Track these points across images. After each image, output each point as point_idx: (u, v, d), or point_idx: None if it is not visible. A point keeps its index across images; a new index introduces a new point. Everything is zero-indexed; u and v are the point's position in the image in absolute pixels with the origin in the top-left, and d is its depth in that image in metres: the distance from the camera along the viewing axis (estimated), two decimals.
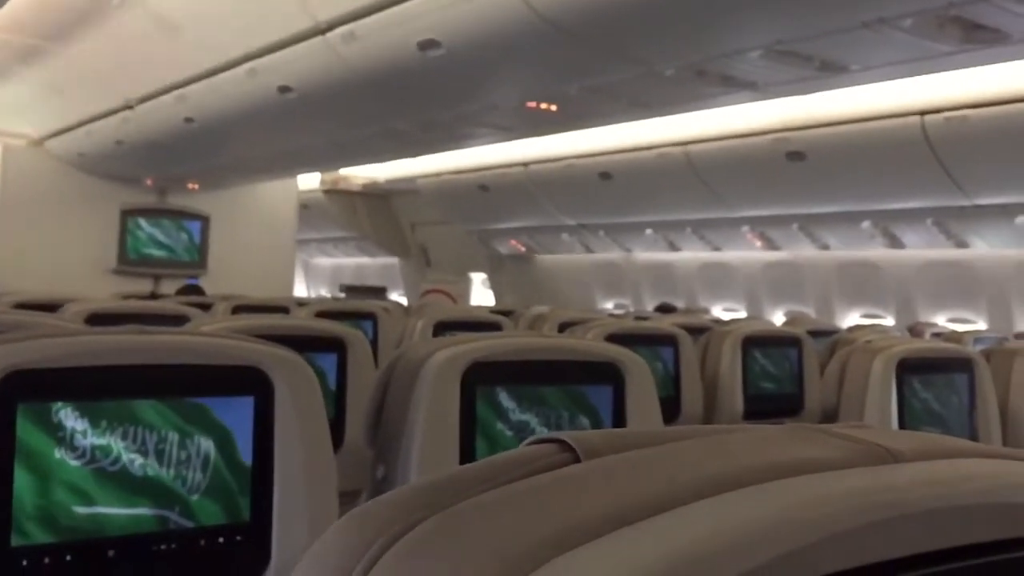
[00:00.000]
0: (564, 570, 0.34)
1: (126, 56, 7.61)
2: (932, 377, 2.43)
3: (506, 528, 0.36)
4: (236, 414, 1.28)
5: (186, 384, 1.25)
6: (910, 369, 2.38)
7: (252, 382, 1.29)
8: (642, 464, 0.42)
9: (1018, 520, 0.47)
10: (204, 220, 11.33)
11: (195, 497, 1.23)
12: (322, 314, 3.84)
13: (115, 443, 1.18)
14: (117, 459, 1.19)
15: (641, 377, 1.70)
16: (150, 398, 1.22)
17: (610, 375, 1.69)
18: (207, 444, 1.24)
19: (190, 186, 11.01)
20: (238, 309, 4.44)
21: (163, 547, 1.21)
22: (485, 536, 0.36)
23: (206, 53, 6.45)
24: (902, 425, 2.30)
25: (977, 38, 3.69)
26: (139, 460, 1.20)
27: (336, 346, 2.33)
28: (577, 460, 0.45)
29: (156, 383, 1.23)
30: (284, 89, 6.04)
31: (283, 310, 4.38)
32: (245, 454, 1.27)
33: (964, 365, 2.48)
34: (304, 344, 2.32)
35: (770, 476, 0.41)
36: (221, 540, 1.25)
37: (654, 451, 0.44)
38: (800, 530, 0.37)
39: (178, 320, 3.28)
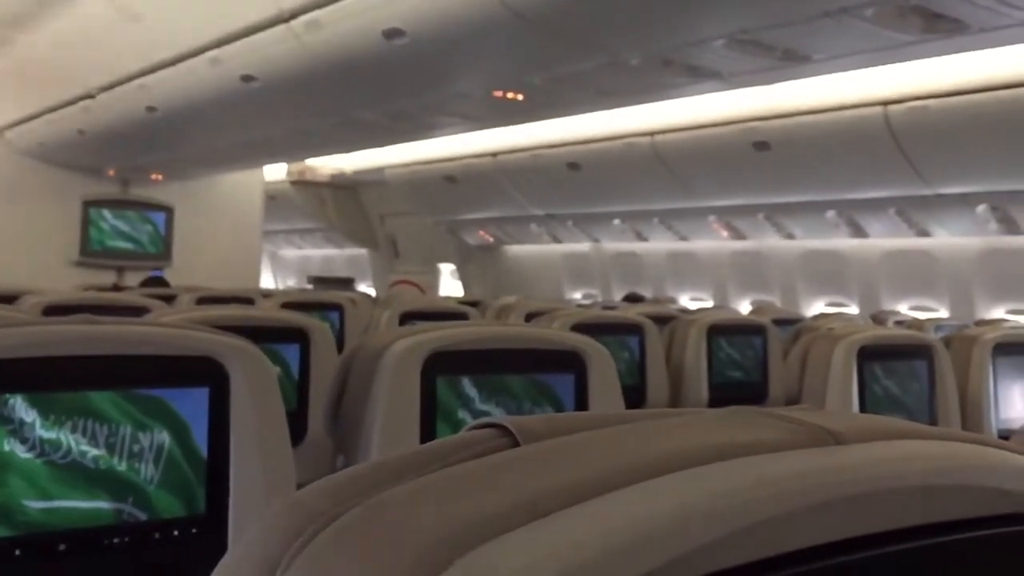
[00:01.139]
0: (488, 558, 0.33)
1: (87, 44, 7.49)
2: (892, 363, 2.45)
3: (432, 515, 0.36)
4: (191, 405, 1.26)
5: (139, 375, 1.23)
6: (871, 356, 2.40)
7: (207, 373, 1.27)
8: (580, 448, 0.41)
9: (958, 502, 0.47)
10: (168, 211, 11.19)
11: (150, 489, 1.21)
12: (288, 305, 3.82)
13: (67, 435, 1.16)
14: (69, 451, 1.16)
15: (603, 365, 1.70)
16: (103, 389, 1.20)
17: (572, 363, 1.68)
18: (161, 436, 1.23)
19: (154, 177, 10.87)
20: (202, 301, 4.40)
21: (116, 540, 1.19)
22: (409, 523, 0.35)
23: (168, 41, 6.36)
24: (863, 410, 2.33)
25: (937, 28, 3.72)
26: (92, 452, 1.18)
27: (298, 337, 2.31)
28: (517, 445, 0.44)
29: (108, 374, 1.21)
30: (247, 78, 5.97)
31: (248, 301, 4.34)
32: (201, 446, 1.26)
33: (924, 351, 2.51)
34: (266, 335, 2.31)
35: (709, 459, 0.40)
36: (176, 533, 1.23)
37: (593, 435, 0.43)
38: (735, 513, 0.36)
39: (139, 312, 3.24)
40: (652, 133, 7.82)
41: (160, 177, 10.88)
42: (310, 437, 2.24)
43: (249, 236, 11.77)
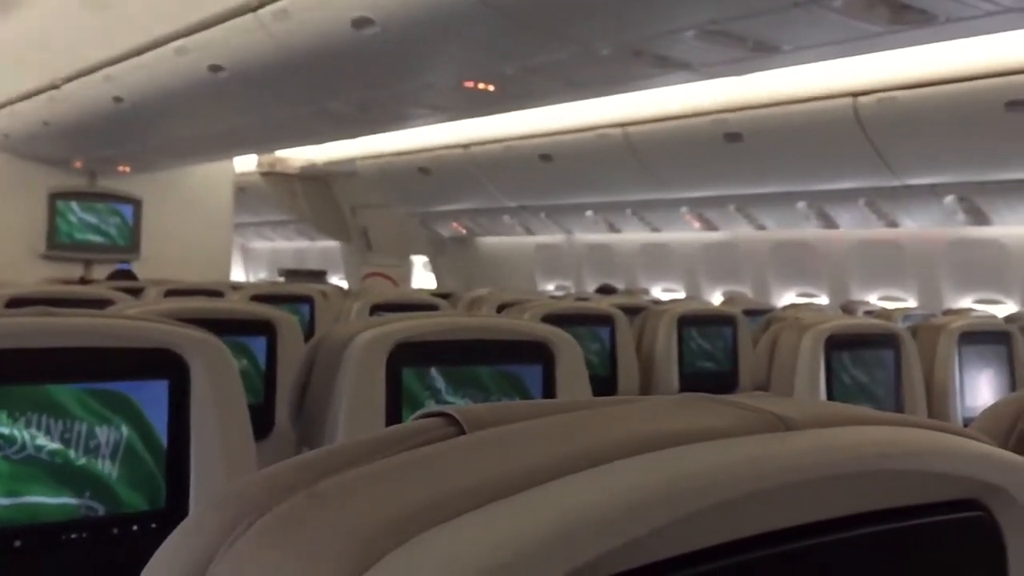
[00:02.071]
0: (426, 546, 0.32)
1: (52, 34, 7.38)
2: (860, 352, 2.47)
3: (366, 506, 0.35)
4: (150, 398, 1.24)
5: (97, 368, 1.20)
6: (838, 345, 2.41)
7: (166, 365, 1.25)
8: (525, 436, 0.40)
9: (910, 488, 0.46)
10: (136, 204, 11.07)
11: (109, 484, 1.19)
12: (257, 298, 3.78)
13: (22, 430, 1.14)
14: (24, 446, 1.14)
15: (571, 355, 1.70)
16: (59, 382, 1.17)
17: (540, 354, 1.68)
18: (120, 429, 1.21)
19: (121, 169, 10.73)
20: (170, 293, 4.35)
21: (75, 536, 1.17)
22: (342, 515, 0.34)
23: (134, 31, 6.28)
24: (831, 398, 2.34)
25: (905, 19, 3.75)
26: (49, 446, 1.16)
27: (265, 329, 2.28)
28: (463, 433, 0.43)
29: (65, 367, 1.18)
30: (215, 68, 5.91)
31: (217, 294, 4.30)
32: (161, 439, 1.24)
33: (890, 341, 2.53)
34: (232, 328, 2.28)
35: (656, 446, 0.39)
36: (136, 528, 1.21)
37: (540, 423, 0.42)
38: (680, 500, 0.36)
39: (103, 305, 3.19)
40: (624, 124, 7.82)
41: (128, 169, 10.75)
42: (277, 430, 2.22)
43: (219, 228, 11.66)
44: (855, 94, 6.12)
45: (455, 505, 0.34)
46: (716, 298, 8.59)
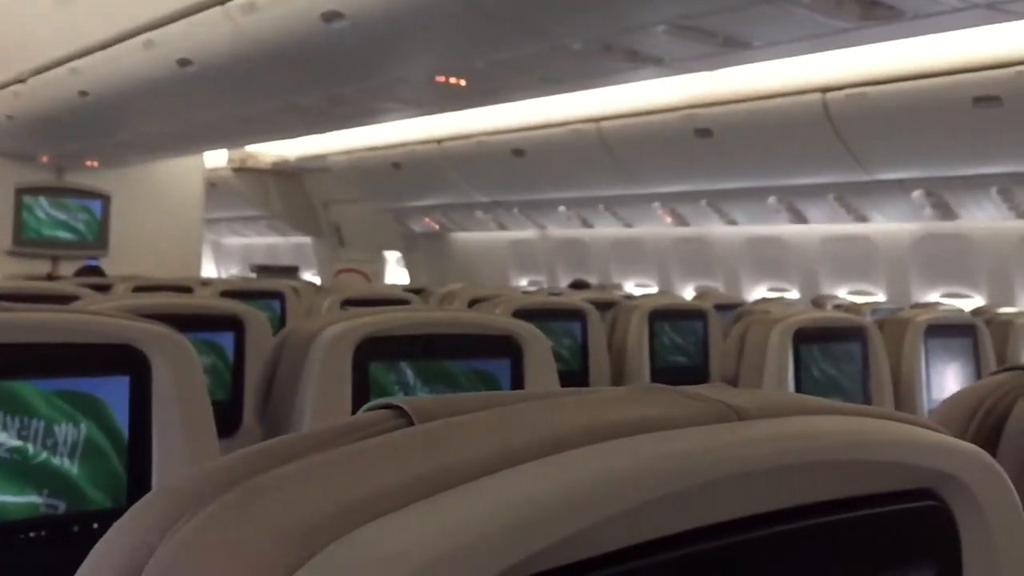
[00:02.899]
0: (365, 540, 0.31)
1: (16, 26, 7.27)
2: (827, 346, 2.49)
3: (305, 499, 0.34)
4: (111, 394, 1.22)
5: (56, 364, 1.18)
6: (806, 338, 2.43)
7: (127, 361, 1.23)
8: (473, 427, 0.39)
9: (863, 478, 0.46)
10: (105, 199, 10.93)
11: (69, 481, 1.17)
12: (227, 294, 3.75)
13: None
14: None
15: (539, 349, 1.69)
16: (17, 379, 1.15)
17: (508, 348, 1.67)
18: (81, 426, 1.19)
19: (89, 163, 10.60)
20: (139, 289, 4.30)
21: (34, 534, 1.15)
22: (280, 508, 0.34)
23: (101, 24, 6.20)
24: (799, 391, 2.35)
25: (874, 15, 3.78)
26: (7, 443, 1.13)
27: (233, 325, 2.26)
28: (412, 425, 0.42)
29: (24, 363, 1.16)
30: (183, 62, 5.84)
31: (187, 290, 4.26)
32: (122, 436, 1.22)
33: (858, 334, 2.55)
34: (200, 323, 2.26)
35: (605, 436, 0.39)
36: (96, 526, 1.19)
37: (488, 414, 0.41)
38: (627, 492, 0.35)
39: (70, 301, 3.15)
40: (597, 120, 7.83)
41: (96, 164, 10.62)
42: (245, 427, 2.20)
43: (190, 224, 11.55)
44: (824, 90, 6.16)
45: (397, 497, 0.33)
46: (688, 293, 8.64)
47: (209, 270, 15.11)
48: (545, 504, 0.33)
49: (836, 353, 2.52)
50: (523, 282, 10.92)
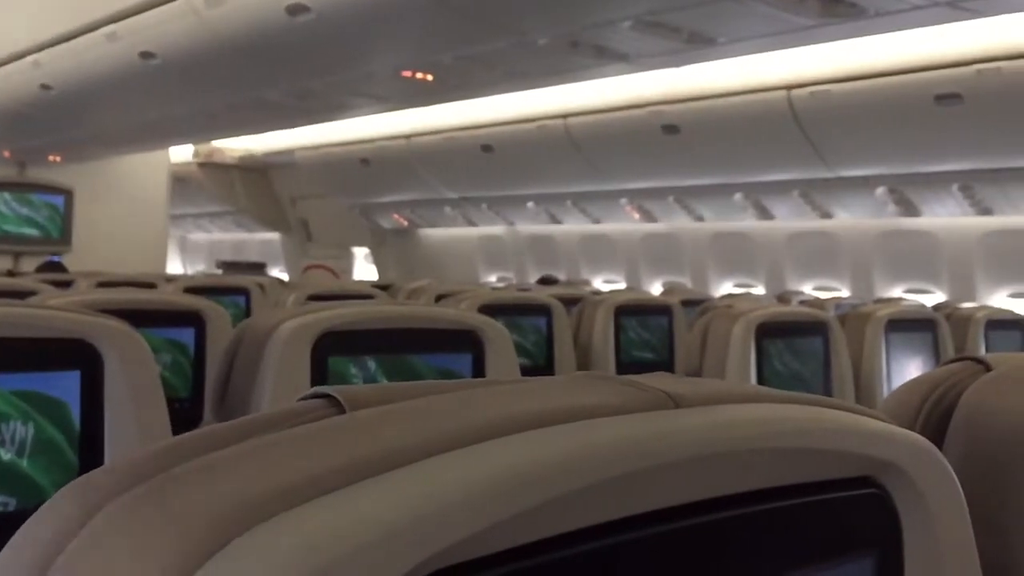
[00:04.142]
0: (274, 532, 0.30)
1: None
2: (790, 340, 2.51)
3: (218, 490, 0.33)
4: (62, 390, 1.20)
5: (4, 359, 1.16)
6: (769, 333, 2.44)
7: (78, 355, 1.21)
8: (401, 415, 0.39)
9: (802, 466, 0.46)
10: (67, 194, 10.76)
11: (19, 478, 1.15)
12: (191, 290, 3.70)
13: None
14: None
15: (501, 344, 1.68)
16: None
17: (470, 343, 1.66)
18: (30, 421, 1.16)
19: (52, 158, 10.44)
20: (102, 286, 4.25)
21: None
22: (191, 500, 0.33)
23: (62, 15, 6.11)
24: (761, 385, 2.36)
25: (835, 12, 3.81)
26: None
27: (194, 321, 2.23)
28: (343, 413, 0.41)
29: None
30: (146, 55, 5.77)
31: (150, 286, 4.21)
32: (74, 431, 1.20)
33: (819, 328, 2.57)
34: (160, 319, 2.23)
35: (537, 424, 0.38)
36: None
37: (420, 402, 0.41)
38: (554, 480, 0.34)
39: (29, 297, 3.10)
40: (565, 116, 7.84)
41: (59, 159, 10.46)
42: (205, 423, 2.17)
43: (155, 220, 11.42)
44: (789, 87, 6.21)
45: (311, 488, 0.32)
46: (656, 289, 8.67)
47: (175, 266, 14.95)
48: (464, 494, 0.33)
49: (798, 347, 2.54)
50: (492, 278, 10.91)
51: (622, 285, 9.17)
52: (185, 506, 0.32)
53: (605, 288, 8.20)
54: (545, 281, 7.99)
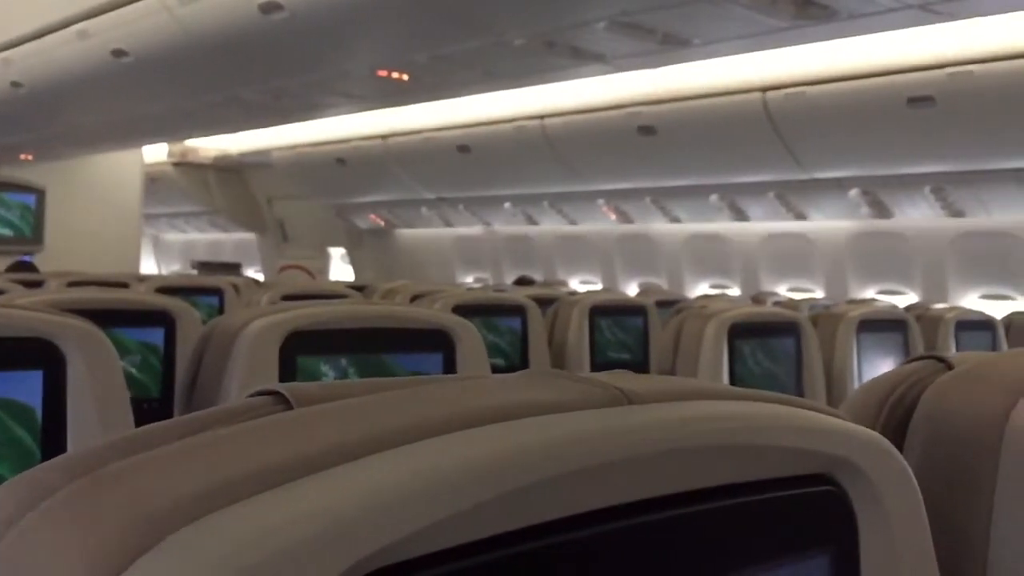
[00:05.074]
0: (206, 531, 0.30)
1: None
2: (762, 340, 2.52)
3: (154, 486, 0.32)
4: (24, 390, 1.18)
5: None
6: (741, 333, 2.45)
7: (41, 355, 1.19)
8: (346, 412, 0.38)
9: (756, 463, 0.46)
10: (39, 193, 10.64)
11: None
12: (164, 290, 3.66)
13: None
14: None
15: (472, 344, 1.68)
16: None
17: (440, 343, 1.65)
18: None
19: (23, 157, 10.32)
20: (73, 285, 4.20)
21: None
22: (126, 496, 0.32)
23: (33, 12, 6.03)
24: (733, 384, 2.37)
25: (808, 14, 3.83)
26: None
27: (164, 321, 2.21)
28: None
29: None
30: (119, 53, 5.71)
31: (122, 286, 4.16)
32: (35, 433, 1.18)
33: (791, 328, 2.59)
34: (129, 319, 2.20)
35: (487, 420, 0.38)
36: None
37: (368, 399, 0.40)
38: (498, 477, 0.34)
39: None
40: (542, 116, 7.84)
41: (30, 157, 10.35)
42: None
43: (128, 219, 11.32)
44: (764, 89, 6.24)
45: (249, 485, 0.32)
46: (632, 289, 8.69)
47: (149, 267, 14.83)
48: (406, 491, 0.32)
49: (770, 347, 2.56)
50: (469, 279, 10.90)
51: (599, 286, 9.19)
52: (115, 504, 0.32)
53: (582, 289, 8.21)
54: (521, 282, 7.99)
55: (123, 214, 11.21)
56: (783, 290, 7.77)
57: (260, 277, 11.67)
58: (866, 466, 0.51)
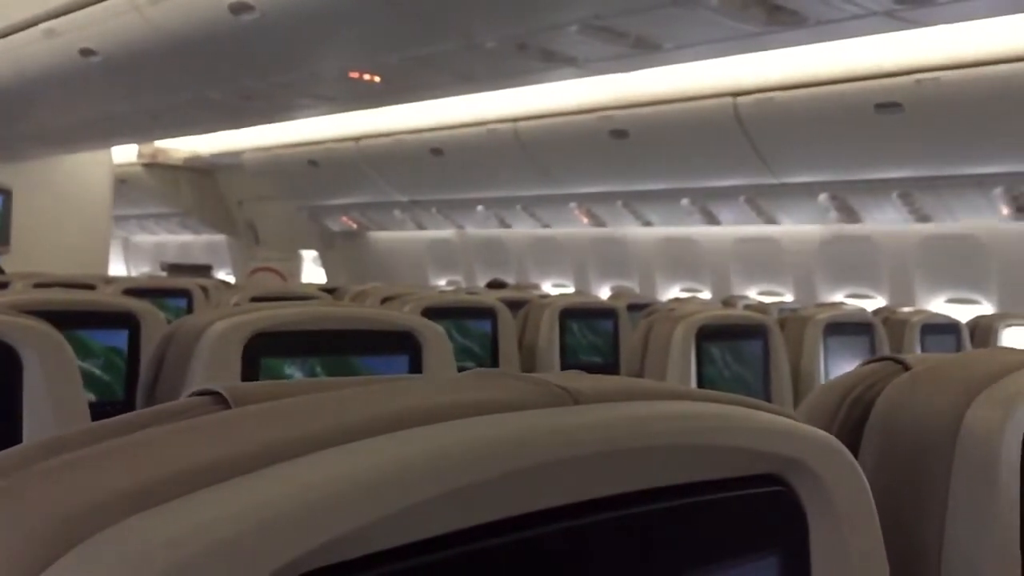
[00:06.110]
0: (124, 534, 0.29)
1: None
2: (730, 343, 2.53)
3: (78, 486, 0.31)
4: None
5: None
6: (709, 335, 2.46)
7: None
8: (287, 411, 0.37)
9: (703, 463, 0.45)
10: (6, 194, 10.49)
11: None
12: (132, 292, 3.62)
13: None
14: None
15: (438, 346, 1.67)
16: None
17: (406, 344, 1.64)
18: None
19: None
20: (39, 287, 4.15)
21: None
22: (50, 496, 0.31)
23: None
24: (701, 386, 2.38)
25: (778, 19, 3.86)
26: None
27: (128, 323, 2.18)
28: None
29: None
30: (87, 52, 5.65)
31: (89, 287, 4.12)
32: None
33: (759, 331, 2.60)
34: (92, 320, 2.17)
35: (426, 420, 0.37)
36: None
37: (306, 398, 0.39)
38: (432, 478, 0.33)
39: None
40: (515, 120, 7.85)
41: None
42: None
43: (97, 221, 11.18)
44: (735, 94, 6.28)
45: (173, 486, 0.31)
46: (605, 292, 8.71)
47: (119, 269, 14.67)
48: (339, 491, 0.31)
49: (738, 350, 2.57)
50: (441, 282, 10.87)
51: (571, 289, 9.20)
52: (37, 505, 0.31)
53: (554, 292, 8.22)
54: (494, 285, 7.98)
55: (92, 215, 11.08)
56: (753, 293, 7.82)
57: (231, 279, 11.58)
58: (817, 467, 0.51)
